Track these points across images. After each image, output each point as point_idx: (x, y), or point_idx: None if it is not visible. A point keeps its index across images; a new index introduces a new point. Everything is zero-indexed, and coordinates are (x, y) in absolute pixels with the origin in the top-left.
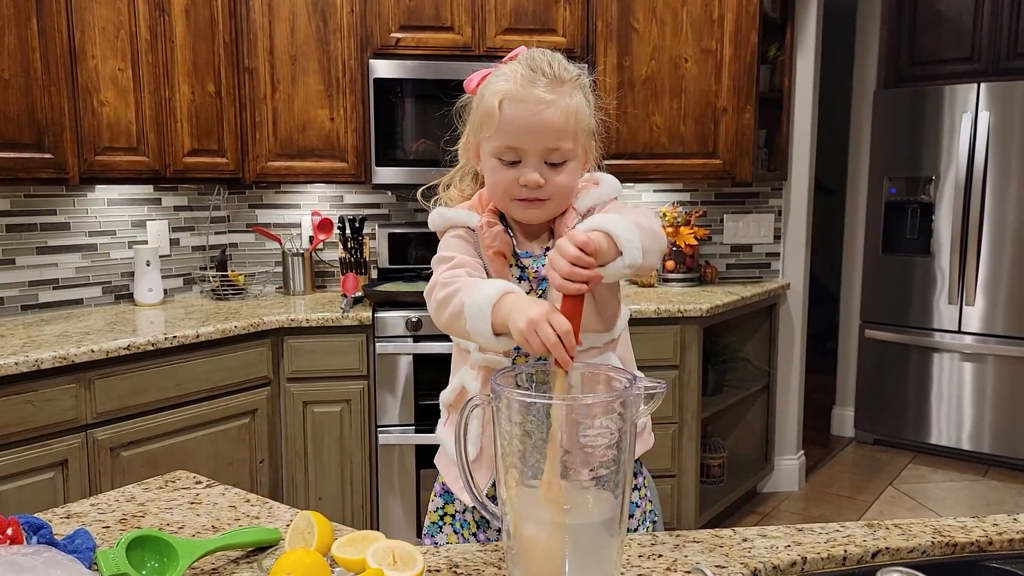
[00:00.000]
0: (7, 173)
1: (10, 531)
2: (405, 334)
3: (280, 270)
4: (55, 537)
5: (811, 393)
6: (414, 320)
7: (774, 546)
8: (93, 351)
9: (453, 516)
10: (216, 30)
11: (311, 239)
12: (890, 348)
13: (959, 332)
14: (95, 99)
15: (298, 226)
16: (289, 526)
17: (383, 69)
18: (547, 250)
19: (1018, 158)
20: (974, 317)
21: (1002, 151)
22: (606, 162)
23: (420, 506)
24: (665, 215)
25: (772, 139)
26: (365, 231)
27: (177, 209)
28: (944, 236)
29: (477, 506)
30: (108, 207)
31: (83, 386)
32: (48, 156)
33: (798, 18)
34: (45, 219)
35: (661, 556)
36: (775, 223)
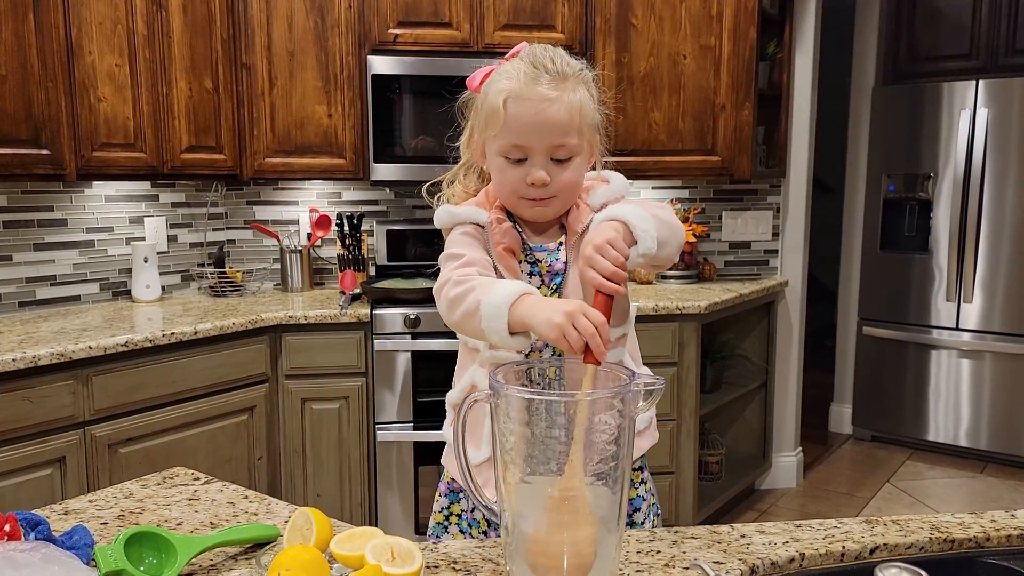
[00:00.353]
0: (4, 169)
1: (8, 527)
2: (403, 331)
3: (278, 267)
4: (53, 533)
5: (809, 390)
6: (412, 317)
7: (772, 542)
8: (91, 348)
9: (459, 516)
10: (213, 26)
11: (309, 236)
12: (888, 345)
13: (957, 329)
14: (92, 95)
15: (296, 223)
16: (287, 522)
17: (381, 65)
18: (560, 245)
19: (1016, 155)
20: (972, 314)
21: (1000, 148)
22: (604, 159)
23: (419, 502)
24: None
25: (771, 136)
26: (363, 228)
27: (175, 205)
28: (942, 233)
29: (479, 507)
30: (105, 203)
31: (81, 383)
32: (45, 152)
33: (797, 14)
34: (42, 215)
35: (659, 552)
36: (773, 220)
